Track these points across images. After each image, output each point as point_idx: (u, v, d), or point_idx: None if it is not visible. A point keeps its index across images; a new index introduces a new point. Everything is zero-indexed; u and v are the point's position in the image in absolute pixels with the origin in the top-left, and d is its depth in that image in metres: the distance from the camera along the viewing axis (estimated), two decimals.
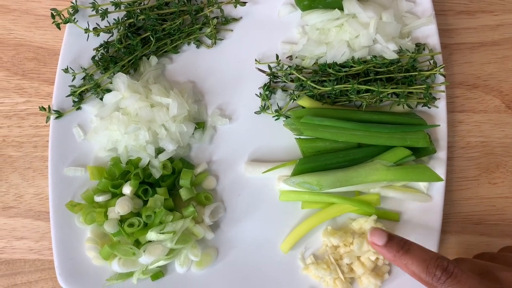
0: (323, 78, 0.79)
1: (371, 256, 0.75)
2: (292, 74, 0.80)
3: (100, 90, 0.81)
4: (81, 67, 0.81)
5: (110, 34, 0.83)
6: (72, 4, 0.81)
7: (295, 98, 0.79)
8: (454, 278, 0.58)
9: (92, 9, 0.80)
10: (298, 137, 0.79)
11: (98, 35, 0.82)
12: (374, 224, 0.76)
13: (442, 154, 0.79)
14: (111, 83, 0.80)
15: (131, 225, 0.75)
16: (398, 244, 0.62)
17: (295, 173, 0.76)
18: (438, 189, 0.78)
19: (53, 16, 0.80)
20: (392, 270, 0.76)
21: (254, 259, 0.78)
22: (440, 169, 0.78)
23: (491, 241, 0.82)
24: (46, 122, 0.81)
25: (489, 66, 0.88)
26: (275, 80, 0.83)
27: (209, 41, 0.86)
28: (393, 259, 0.62)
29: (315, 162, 0.77)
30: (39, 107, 0.80)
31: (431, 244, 0.76)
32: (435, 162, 0.79)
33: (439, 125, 0.79)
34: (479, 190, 0.84)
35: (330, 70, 0.79)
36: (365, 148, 0.77)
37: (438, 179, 0.75)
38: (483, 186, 0.84)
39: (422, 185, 0.78)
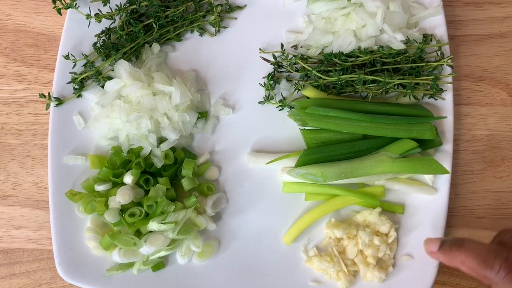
0: (329, 68, 0.78)
1: (375, 250, 0.74)
2: (297, 63, 0.79)
3: (102, 78, 0.79)
4: (82, 54, 0.80)
5: (112, 21, 0.82)
6: None
7: (300, 88, 0.78)
8: None
9: None
10: (302, 128, 0.78)
11: (100, 21, 0.81)
12: (379, 216, 0.75)
13: (448, 146, 0.78)
14: (113, 70, 0.79)
15: (132, 215, 0.73)
16: (450, 242, 0.59)
17: (299, 164, 0.75)
18: (443, 182, 0.77)
19: (54, 1, 0.78)
20: (396, 263, 0.76)
21: (256, 251, 0.77)
22: (446, 162, 0.77)
23: None
24: (46, 110, 0.79)
25: (496, 59, 0.87)
26: (279, 70, 0.82)
27: (212, 29, 0.84)
28: (448, 259, 0.59)
29: (319, 153, 0.75)
30: (39, 94, 0.79)
31: (435, 236, 0.75)
32: (440, 154, 0.78)
33: (446, 116, 0.78)
34: (484, 184, 0.83)
35: (336, 60, 0.77)
36: (370, 140, 0.76)
37: (444, 171, 0.74)
38: (488, 180, 0.83)
39: (427, 177, 0.77)
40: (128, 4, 0.81)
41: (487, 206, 0.82)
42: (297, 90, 0.79)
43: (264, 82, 0.81)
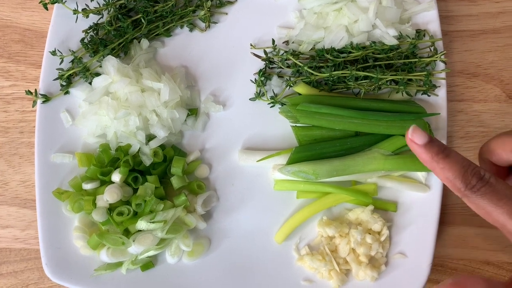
0: (321, 64, 0.77)
1: (368, 249, 0.73)
2: (289, 59, 0.78)
3: (89, 74, 0.78)
4: (70, 50, 0.79)
5: (100, 16, 0.80)
6: None
7: (292, 84, 0.77)
8: (489, 186, 0.55)
9: None
10: (294, 124, 0.76)
11: (88, 16, 0.79)
12: (371, 214, 0.74)
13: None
14: (101, 66, 0.78)
15: (120, 213, 0.72)
16: (438, 147, 0.59)
17: (290, 162, 0.74)
18: (436, 179, 0.76)
19: None
20: (389, 261, 0.75)
21: (247, 250, 0.76)
22: None
23: (489, 233, 0.80)
24: (33, 107, 0.78)
25: (489, 55, 0.86)
26: (271, 66, 0.81)
27: (202, 25, 0.83)
28: (430, 161, 0.59)
29: (311, 150, 0.74)
30: (26, 91, 0.77)
31: (428, 235, 0.74)
32: None
33: (439, 113, 0.77)
34: None
35: (328, 56, 0.76)
36: (362, 137, 0.75)
37: None
38: None
39: (420, 175, 0.76)
40: None
41: None
42: (288, 87, 0.78)
43: (255, 79, 0.80)
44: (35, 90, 0.77)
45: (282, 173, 0.74)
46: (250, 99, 0.80)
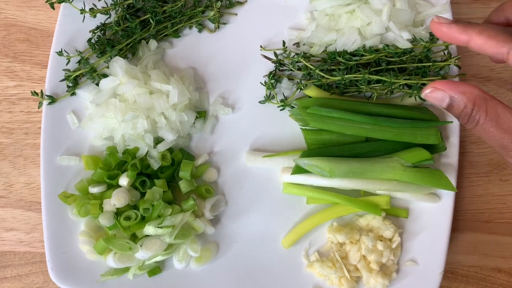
0: (332, 67, 0.75)
1: (379, 256, 0.72)
2: (299, 62, 0.77)
3: (96, 75, 0.77)
4: (76, 50, 0.77)
5: (108, 16, 0.79)
6: None
7: (302, 87, 0.76)
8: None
9: None
10: (304, 127, 0.75)
11: (95, 16, 0.78)
12: (382, 220, 0.73)
13: (453, 149, 0.76)
14: (108, 67, 0.76)
15: (127, 218, 0.71)
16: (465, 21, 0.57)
17: (296, 168, 0.72)
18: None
19: None
20: (400, 269, 0.74)
21: (256, 256, 0.75)
22: (451, 165, 0.75)
23: (501, 240, 0.79)
24: (39, 108, 0.76)
25: None
26: (281, 68, 0.79)
27: (212, 25, 0.81)
28: (462, 29, 0.56)
29: (319, 155, 0.72)
30: (31, 92, 0.76)
31: (440, 242, 0.73)
32: (446, 157, 0.76)
33: (452, 121, 0.76)
34: (489, 187, 0.81)
35: (340, 59, 0.75)
36: (372, 143, 0.74)
37: (452, 188, 0.71)
38: (494, 183, 0.81)
39: None
40: None
41: (492, 210, 0.80)
42: (299, 90, 0.76)
43: (265, 81, 0.79)
44: (41, 91, 0.76)
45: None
46: (259, 102, 0.79)
